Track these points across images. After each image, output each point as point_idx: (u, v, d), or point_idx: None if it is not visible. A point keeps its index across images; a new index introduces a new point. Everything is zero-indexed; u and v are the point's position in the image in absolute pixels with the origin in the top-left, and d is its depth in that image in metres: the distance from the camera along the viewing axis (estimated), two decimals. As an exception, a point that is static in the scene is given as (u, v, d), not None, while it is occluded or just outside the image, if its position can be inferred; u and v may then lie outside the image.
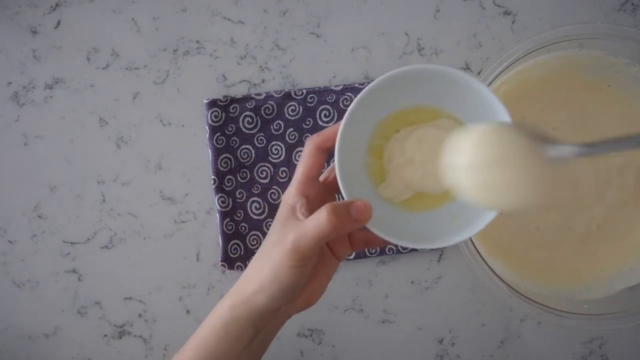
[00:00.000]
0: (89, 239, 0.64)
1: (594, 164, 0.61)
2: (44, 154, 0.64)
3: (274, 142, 0.64)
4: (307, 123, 0.64)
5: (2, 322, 0.64)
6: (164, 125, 0.64)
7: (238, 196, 0.64)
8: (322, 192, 0.47)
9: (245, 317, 0.44)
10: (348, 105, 0.62)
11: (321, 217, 0.41)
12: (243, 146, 0.64)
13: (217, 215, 0.63)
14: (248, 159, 0.64)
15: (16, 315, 0.64)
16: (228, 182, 0.64)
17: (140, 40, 0.64)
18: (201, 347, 0.46)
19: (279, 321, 0.47)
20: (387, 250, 0.63)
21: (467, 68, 0.64)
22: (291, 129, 0.64)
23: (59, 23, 0.64)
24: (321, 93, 0.63)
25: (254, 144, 0.64)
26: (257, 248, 0.63)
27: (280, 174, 0.64)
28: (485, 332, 0.64)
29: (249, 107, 0.63)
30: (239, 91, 0.64)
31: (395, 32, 0.64)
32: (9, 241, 0.64)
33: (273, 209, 0.64)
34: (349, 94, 0.63)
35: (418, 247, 0.47)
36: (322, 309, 0.64)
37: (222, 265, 0.63)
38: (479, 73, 0.63)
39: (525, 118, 0.61)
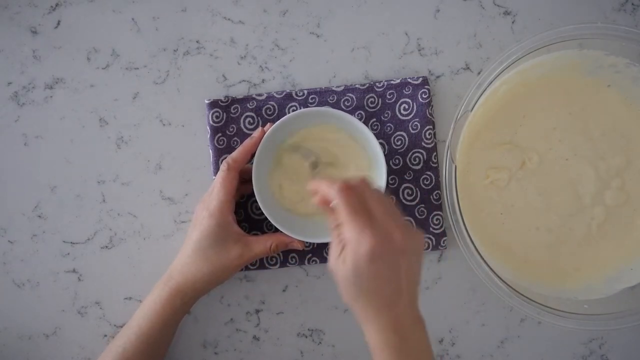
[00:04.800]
0: (89, 239, 0.64)
1: (594, 164, 0.61)
2: (44, 154, 0.64)
3: (274, 142, 0.64)
4: (307, 123, 0.64)
5: (2, 322, 0.64)
6: (164, 125, 0.64)
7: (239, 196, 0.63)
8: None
9: (181, 302, 0.57)
10: (349, 106, 0.63)
11: (267, 245, 0.57)
12: (243, 146, 0.64)
13: (217, 215, 0.63)
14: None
15: (16, 315, 0.64)
16: (228, 182, 0.64)
17: (140, 40, 0.64)
18: (141, 325, 0.56)
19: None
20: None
21: (467, 68, 0.64)
22: (291, 129, 0.64)
23: (59, 23, 0.64)
24: (322, 94, 0.63)
25: (254, 144, 0.64)
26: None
27: (280, 174, 0.64)
28: (485, 332, 0.64)
29: (250, 107, 0.63)
30: (239, 91, 0.64)
31: (395, 32, 0.64)
32: (9, 241, 0.64)
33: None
34: (350, 94, 0.63)
35: (314, 241, 0.59)
36: (322, 309, 0.64)
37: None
38: (479, 73, 0.63)
39: (525, 118, 0.61)
